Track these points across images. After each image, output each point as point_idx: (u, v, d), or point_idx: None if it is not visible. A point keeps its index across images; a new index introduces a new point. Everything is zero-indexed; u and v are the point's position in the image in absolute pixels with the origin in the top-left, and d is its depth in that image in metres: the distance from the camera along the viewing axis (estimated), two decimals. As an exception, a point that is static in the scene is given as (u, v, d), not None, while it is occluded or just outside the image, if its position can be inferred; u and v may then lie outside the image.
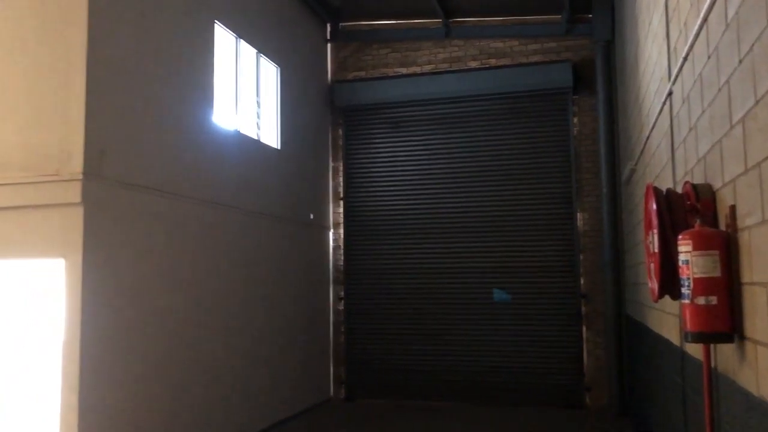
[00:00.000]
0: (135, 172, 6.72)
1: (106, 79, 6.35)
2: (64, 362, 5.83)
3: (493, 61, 11.36)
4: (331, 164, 12.03)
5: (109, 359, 6.20)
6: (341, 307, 11.74)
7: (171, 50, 7.49)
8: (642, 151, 7.07)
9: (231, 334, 8.44)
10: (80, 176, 5.96)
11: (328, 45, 12.20)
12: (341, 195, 11.92)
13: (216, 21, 8.49)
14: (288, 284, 10.20)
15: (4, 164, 6.19)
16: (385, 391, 11.41)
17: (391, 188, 11.75)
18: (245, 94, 9.40)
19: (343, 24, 12.13)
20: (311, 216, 11.16)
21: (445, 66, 11.60)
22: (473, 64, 11.46)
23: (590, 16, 10.71)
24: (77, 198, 5.94)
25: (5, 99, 6.30)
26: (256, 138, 9.55)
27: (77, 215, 5.96)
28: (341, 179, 11.95)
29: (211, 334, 8.01)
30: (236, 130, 8.94)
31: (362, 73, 11.99)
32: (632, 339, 8.99)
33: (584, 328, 10.58)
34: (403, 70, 11.78)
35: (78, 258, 5.90)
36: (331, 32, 12.17)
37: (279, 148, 10.15)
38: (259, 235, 9.32)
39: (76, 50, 6.12)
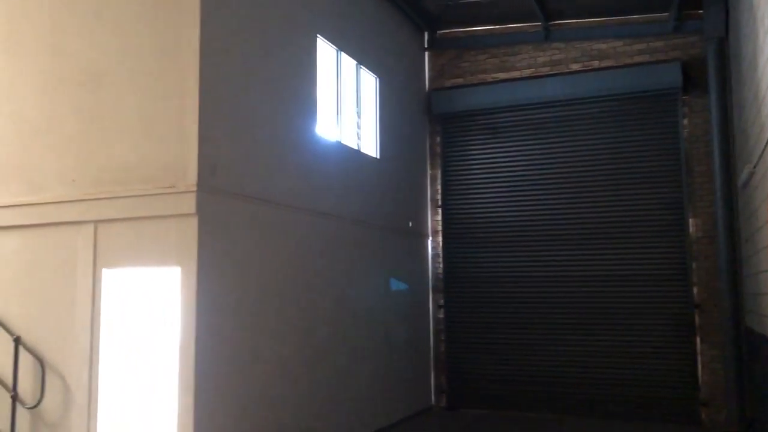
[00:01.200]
0: (244, 183, 6.99)
1: (216, 96, 6.64)
2: (180, 365, 6.11)
3: (595, 63, 11.03)
4: (429, 172, 12.05)
5: (222, 362, 6.45)
6: (441, 315, 11.70)
7: (276, 66, 7.74)
8: (762, 153, 6.64)
9: (333, 341, 8.59)
10: (194, 188, 6.25)
11: (426, 53, 12.24)
12: (439, 202, 11.91)
13: (318, 35, 8.71)
14: (388, 292, 10.28)
15: (125, 179, 6.59)
16: (486, 401, 11.26)
17: (490, 195, 11.62)
18: (346, 104, 9.57)
19: (441, 32, 12.14)
20: (410, 224, 11.21)
21: (545, 70, 11.37)
22: (575, 67, 11.17)
23: (701, 12, 10.19)
24: (192, 209, 6.23)
25: (126, 119, 6.70)
26: (356, 148, 9.70)
27: (192, 225, 6.25)
28: (439, 187, 11.94)
29: (315, 341, 8.17)
30: (338, 140, 9.12)
31: (460, 80, 11.95)
32: (755, 353, 8.44)
33: (698, 340, 10.04)
34: (502, 76, 11.64)
35: (193, 266, 6.18)
36: (428, 41, 12.20)
37: (378, 157, 10.26)
38: (359, 243, 9.45)
39: (190, 70, 6.42)
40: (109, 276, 6.61)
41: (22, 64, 7.31)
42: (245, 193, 6.98)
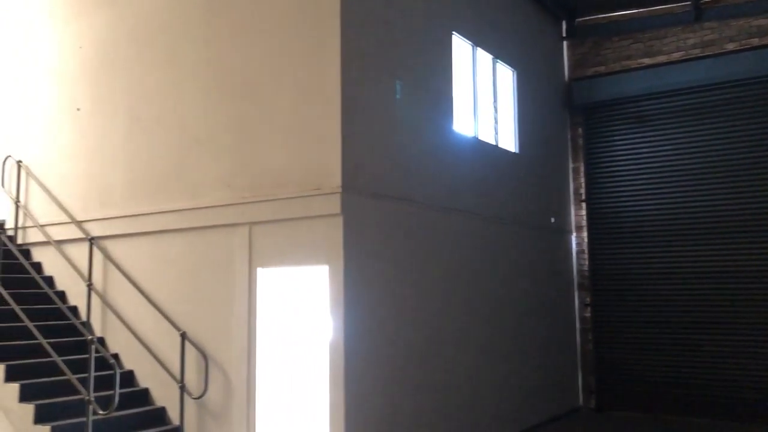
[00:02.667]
0: (385, 183, 7.11)
1: (357, 98, 6.81)
2: (331, 362, 6.32)
3: (755, 41, 10.15)
4: (571, 165, 11.65)
5: (370, 358, 6.60)
6: (587, 314, 11.28)
7: (413, 65, 7.81)
8: None
9: (476, 340, 8.53)
10: (339, 190, 6.44)
11: (564, 43, 11.84)
12: (583, 197, 11.48)
13: (454, 32, 8.69)
14: (531, 290, 10.06)
15: (276, 182, 6.92)
16: (637, 403, 10.71)
17: (638, 187, 11.04)
18: (482, 99, 9.47)
19: (579, 19, 11.69)
20: (552, 220, 10.90)
21: (696, 52, 10.63)
22: (730, 47, 10.35)
23: None
24: (337, 209, 6.43)
25: (276, 126, 7.04)
26: (494, 143, 9.58)
27: (337, 225, 6.45)
28: (582, 180, 11.51)
29: (457, 340, 8.16)
30: (475, 136, 9.04)
31: (601, 68, 11.45)
32: None
33: None
34: (647, 61, 11.02)
35: (339, 264, 6.38)
36: (566, 29, 11.80)
37: (517, 151, 10.07)
38: (499, 241, 9.32)
39: (332, 76, 6.64)
40: (264, 275, 6.97)
41: (183, 79, 7.88)
42: (386, 193, 7.10)
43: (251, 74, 7.29)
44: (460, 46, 8.98)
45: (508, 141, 10.04)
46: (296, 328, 6.89)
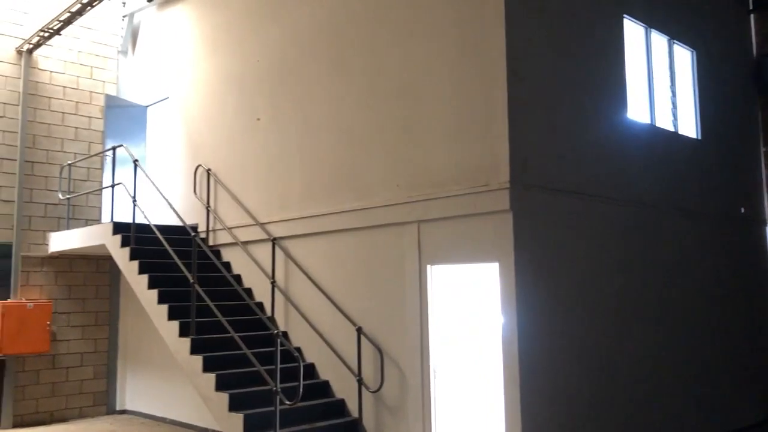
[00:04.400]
0: (555, 177, 6.91)
1: (524, 90, 6.67)
2: (505, 358, 6.25)
3: None
4: (762, 149, 10.60)
5: (545, 355, 6.45)
6: (786, 312, 10.21)
7: (582, 53, 7.52)
8: None
9: (656, 338, 8.03)
10: (507, 185, 6.35)
11: (751, 16, 10.79)
12: (778, 184, 10.41)
13: (625, 16, 8.25)
14: (718, 285, 9.28)
15: (443, 180, 6.97)
16: None
17: None
18: (658, 84, 8.88)
19: (768, -12, 10.62)
20: (742, 210, 9.98)
21: None
22: None
23: None
24: (506, 205, 6.34)
25: (440, 124, 7.09)
26: (672, 130, 8.95)
27: (507, 222, 6.36)
28: (777, 166, 10.43)
29: (637, 338, 7.73)
30: (651, 123, 8.52)
31: (797, 41, 10.30)
32: None
33: None
34: None
35: (510, 261, 6.29)
36: (754, 1, 10.74)
37: (699, 138, 9.34)
38: (679, 234, 8.70)
39: (497, 69, 6.55)
40: (434, 272, 7.05)
41: (348, 83, 8.19)
42: (557, 187, 6.90)
43: (413, 75, 7.39)
44: (632, 29, 8.49)
45: (689, 127, 9.34)
46: (468, 324, 6.89)
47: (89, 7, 10.06)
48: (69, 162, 11.25)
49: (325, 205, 8.29)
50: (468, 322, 6.88)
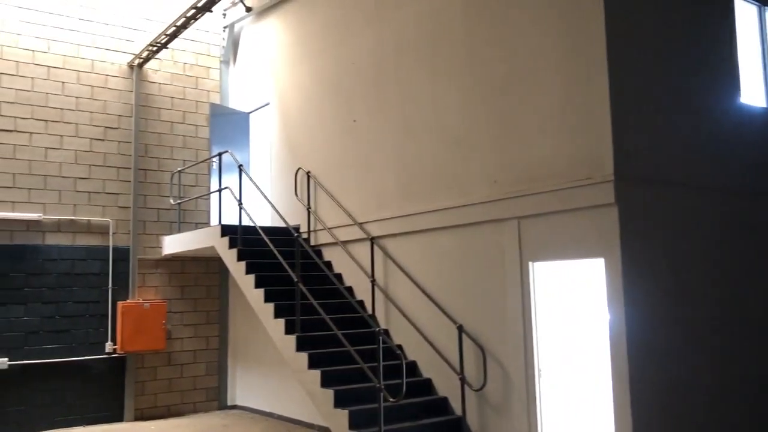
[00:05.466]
0: (662, 168, 6.63)
1: (626, 80, 6.43)
2: (613, 356, 6.05)
3: None
4: None
5: (655, 356, 6.19)
6: None
7: (689, 37, 7.16)
8: None
9: (782, 336, 7.54)
10: (611, 178, 6.14)
11: None
12: None
13: (735, -7, 7.80)
14: None
15: (543, 175, 6.83)
16: None
17: None
18: (774, 65, 8.33)
19: None
20: None
21: None
22: None
23: None
24: (610, 199, 6.13)
25: (538, 117, 6.95)
26: (792, 113, 8.37)
27: (612, 216, 6.15)
28: None
29: (752, 341, 7.28)
30: (767, 107, 8.00)
31: None
32: None
33: None
34: None
35: (616, 257, 6.08)
36: None
37: (822, 120, 8.67)
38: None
39: (597, 58, 6.36)
40: (536, 269, 6.92)
41: (444, 81, 8.18)
42: (664, 179, 6.61)
43: (511, 70, 7.28)
44: (744, 8, 8.01)
45: (810, 109, 8.69)
46: (573, 322, 6.72)
47: (193, 21, 10.55)
48: (178, 169, 11.86)
49: (422, 204, 8.31)
50: (573, 320, 6.71)
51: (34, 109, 10.74)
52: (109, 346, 10.90)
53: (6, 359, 10.05)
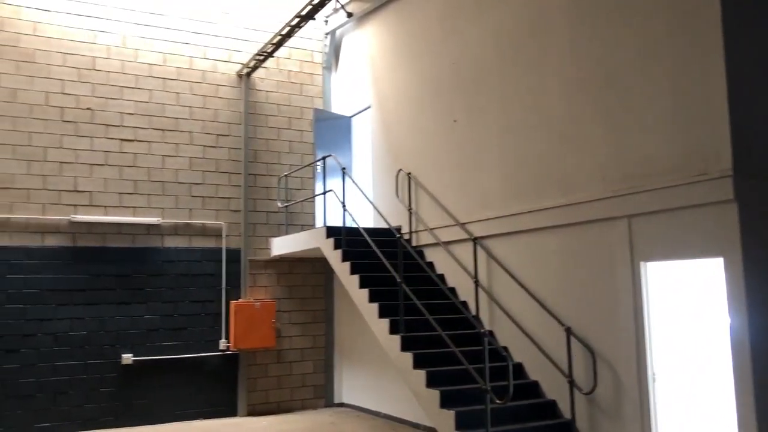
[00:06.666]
0: (788, 160, 6.19)
1: (745, 66, 6.07)
2: (735, 363, 5.71)
3: None
4: None
5: (782, 363, 5.80)
6: None
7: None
8: None
9: None
10: (730, 173, 5.81)
11: None
12: None
13: None
14: None
15: (653, 171, 6.55)
16: None
17: None
18: None
19: None
20: None
21: None
22: None
23: None
24: (729, 195, 5.79)
25: (648, 112, 6.67)
26: None
27: (731, 213, 5.81)
28: None
29: None
30: None
31: None
32: None
33: None
34: None
35: (737, 256, 5.73)
36: None
37: None
38: None
39: (713, 49, 6.03)
40: (649, 269, 6.64)
41: (549, 77, 8.00)
42: (791, 171, 6.17)
43: (619, 62, 7.03)
44: None
45: None
46: (692, 324, 6.40)
47: (297, 29, 10.88)
48: (285, 173, 12.26)
49: (526, 203, 8.18)
50: (690, 322, 6.40)
51: (151, 119, 11.42)
52: (222, 344, 11.43)
53: (131, 355, 10.75)
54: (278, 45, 11.35)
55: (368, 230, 9.42)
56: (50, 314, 10.33)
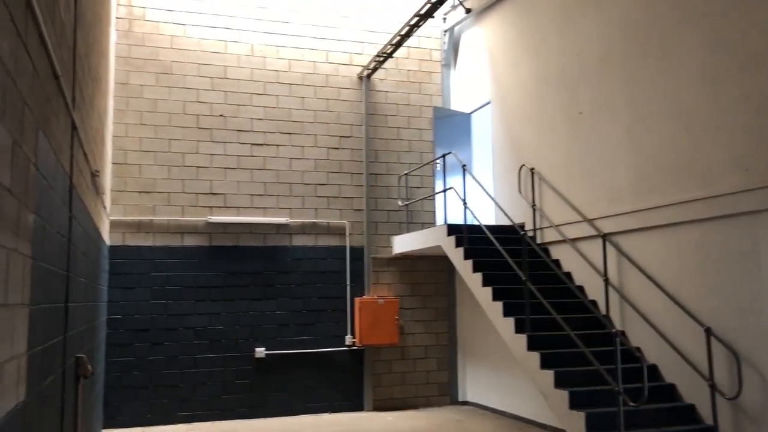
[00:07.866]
0: None
1: None
2: None
3: None
4: None
5: None
6: None
7: None
8: None
9: None
10: None
11: None
12: None
13: None
14: None
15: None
16: None
17: None
18: None
19: None
20: None
21: None
22: None
23: None
24: None
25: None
26: None
27: None
28: None
29: None
30: None
31: None
32: None
33: None
34: None
35: None
36: None
37: None
38: None
39: None
40: (800, 266, 6.15)
41: (684, 62, 7.56)
42: None
43: (761, 46, 6.52)
44: None
45: None
46: None
47: (416, 28, 10.95)
48: (405, 172, 12.38)
49: (660, 197, 7.78)
50: None
51: (279, 124, 11.90)
52: (348, 339, 11.72)
53: (263, 349, 11.27)
54: (397, 45, 11.47)
55: (490, 228, 9.32)
56: (190, 310, 11.03)
